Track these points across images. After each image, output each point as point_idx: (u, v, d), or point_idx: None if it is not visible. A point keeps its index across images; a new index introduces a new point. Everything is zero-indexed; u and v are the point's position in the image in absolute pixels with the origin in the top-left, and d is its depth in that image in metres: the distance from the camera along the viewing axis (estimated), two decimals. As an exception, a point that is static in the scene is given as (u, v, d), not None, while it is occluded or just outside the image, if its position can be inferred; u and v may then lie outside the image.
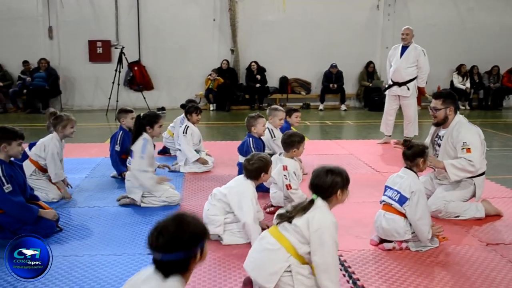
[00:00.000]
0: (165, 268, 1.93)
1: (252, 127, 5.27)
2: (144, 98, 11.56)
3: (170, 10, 12.65)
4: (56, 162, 4.75)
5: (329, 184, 2.76)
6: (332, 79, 13.12)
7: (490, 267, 3.38)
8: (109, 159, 5.70)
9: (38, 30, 12.36)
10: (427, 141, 4.70)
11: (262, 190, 4.70)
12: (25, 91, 11.87)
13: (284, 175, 4.29)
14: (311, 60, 13.29)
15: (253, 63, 12.80)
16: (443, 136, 4.47)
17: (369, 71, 13.46)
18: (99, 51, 12.59)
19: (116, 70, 11.42)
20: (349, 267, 3.35)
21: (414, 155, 3.73)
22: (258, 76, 12.70)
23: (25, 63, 12.20)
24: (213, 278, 3.18)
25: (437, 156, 4.46)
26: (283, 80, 13.29)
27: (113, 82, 11.39)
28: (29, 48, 12.30)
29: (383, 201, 3.78)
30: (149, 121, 4.67)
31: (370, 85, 13.23)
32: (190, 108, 6.14)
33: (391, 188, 3.73)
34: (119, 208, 4.64)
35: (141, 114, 4.77)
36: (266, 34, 13.02)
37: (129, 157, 4.83)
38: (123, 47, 11.53)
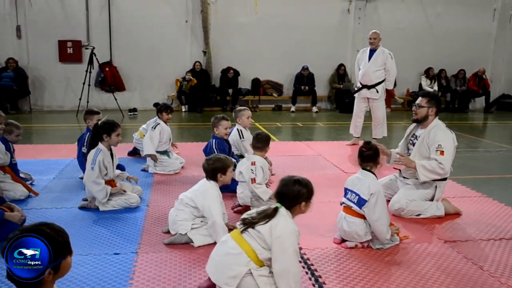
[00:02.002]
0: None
1: (214, 128, 5.33)
2: (116, 99, 11.51)
3: (142, 11, 12.59)
4: None
5: (296, 194, 2.82)
6: (304, 81, 13.27)
7: (446, 263, 3.52)
8: (77, 160, 5.67)
9: (6, 29, 12.11)
10: (403, 141, 4.85)
11: (230, 191, 4.77)
12: (-8, 91, 11.65)
13: (251, 170, 4.39)
14: (283, 62, 13.43)
15: (231, 71, 12.87)
16: (419, 136, 4.62)
17: (340, 74, 13.68)
18: (70, 51, 12.43)
19: (87, 71, 11.32)
20: (312, 264, 3.43)
21: (376, 154, 3.84)
22: (230, 90, 12.81)
23: (-8, 62, 11.97)
24: (183, 279, 3.23)
25: (409, 155, 4.60)
26: (255, 82, 13.39)
27: (83, 83, 11.30)
28: (-4, 47, 12.07)
29: (343, 203, 3.87)
30: (106, 129, 4.57)
31: (341, 87, 13.44)
32: (161, 107, 6.31)
33: (350, 191, 3.80)
34: (85, 209, 4.61)
35: (99, 122, 4.66)
36: (238, 36, 13.09)
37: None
38: (94, 48, 11.46)
